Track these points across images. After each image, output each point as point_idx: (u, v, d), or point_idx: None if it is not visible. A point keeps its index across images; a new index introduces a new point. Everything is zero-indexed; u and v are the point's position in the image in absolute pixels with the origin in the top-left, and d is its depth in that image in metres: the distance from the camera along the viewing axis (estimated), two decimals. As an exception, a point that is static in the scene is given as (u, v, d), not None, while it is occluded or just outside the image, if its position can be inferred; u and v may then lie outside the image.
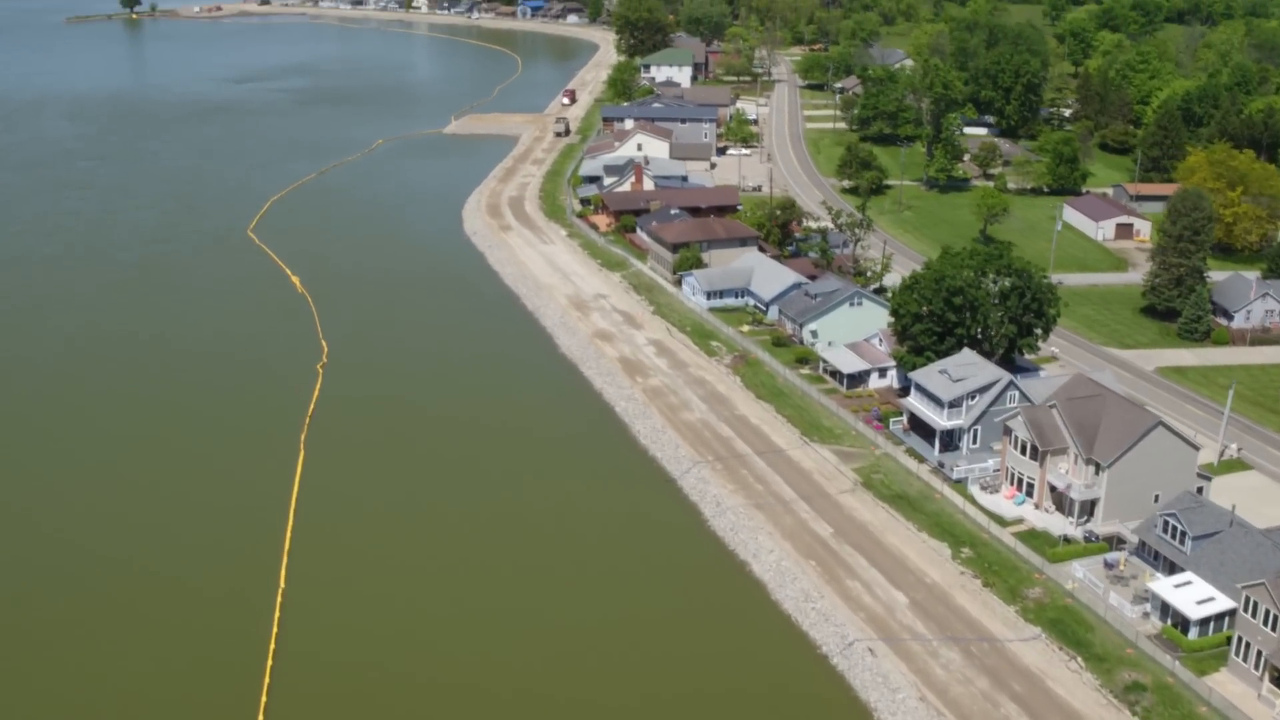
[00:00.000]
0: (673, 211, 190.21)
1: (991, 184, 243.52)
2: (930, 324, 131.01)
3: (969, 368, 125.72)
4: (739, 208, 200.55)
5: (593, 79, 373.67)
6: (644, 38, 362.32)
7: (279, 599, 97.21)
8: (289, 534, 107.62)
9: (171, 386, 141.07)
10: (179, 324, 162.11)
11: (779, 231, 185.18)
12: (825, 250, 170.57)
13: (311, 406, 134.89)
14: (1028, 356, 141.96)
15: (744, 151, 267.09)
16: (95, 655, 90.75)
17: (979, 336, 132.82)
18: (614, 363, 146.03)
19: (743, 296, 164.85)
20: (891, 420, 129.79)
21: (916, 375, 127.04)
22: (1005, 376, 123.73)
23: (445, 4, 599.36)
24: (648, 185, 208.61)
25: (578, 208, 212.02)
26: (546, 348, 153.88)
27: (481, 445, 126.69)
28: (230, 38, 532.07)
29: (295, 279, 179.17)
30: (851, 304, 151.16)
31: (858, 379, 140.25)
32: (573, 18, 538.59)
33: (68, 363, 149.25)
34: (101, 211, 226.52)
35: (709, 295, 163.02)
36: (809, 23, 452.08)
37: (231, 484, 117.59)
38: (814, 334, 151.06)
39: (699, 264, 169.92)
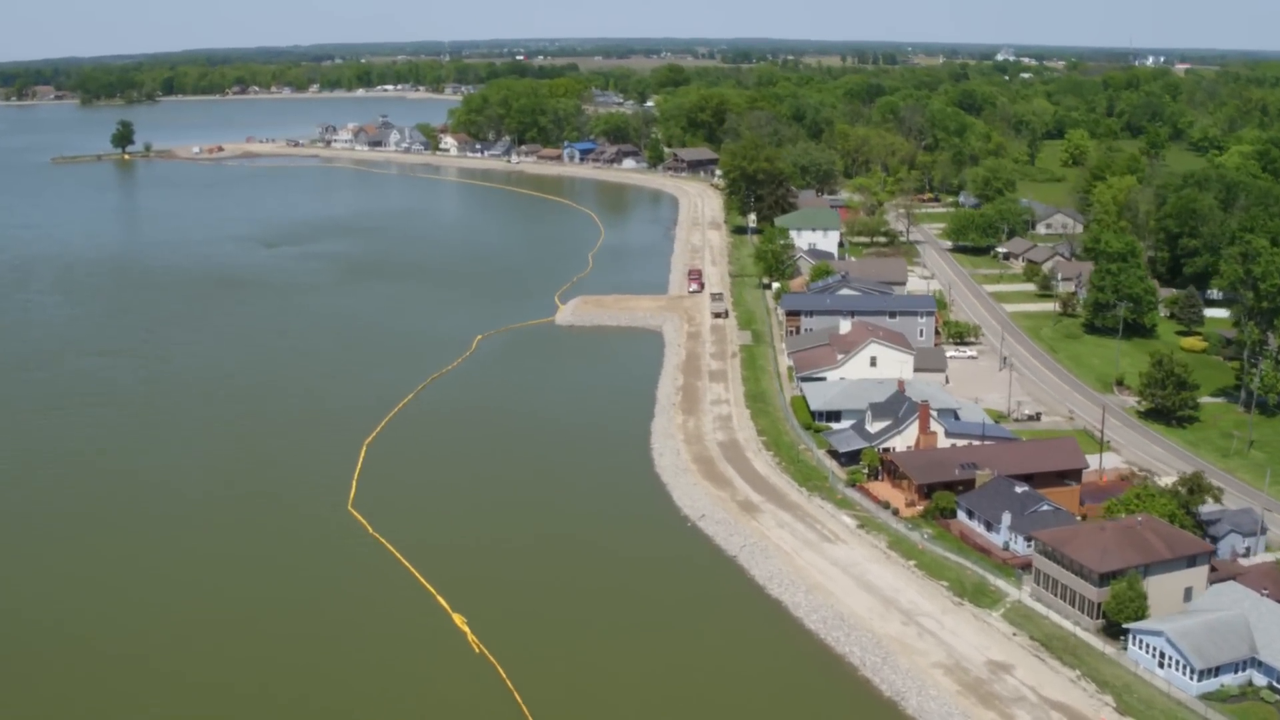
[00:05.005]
0: (1019, 489, 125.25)
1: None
2: None
3: None
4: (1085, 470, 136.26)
5: (700, 242, 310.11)
6: (762, 193, 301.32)
7: None
8: None
9: None
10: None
11: (1192, 523, 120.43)
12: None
13: None
14: None
15: (965, 352, 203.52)
16: None
17: None
18: None
19: (1244, 670, 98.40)
20: None
21: None
22: None
23: (478, 147, 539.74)
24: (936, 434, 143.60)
25: (840, 472, 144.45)
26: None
27: None
28: (239, 183, 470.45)
29: (459, 620, 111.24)
30: None
31: None
32: (629, 162, 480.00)
33: None
34: (122, 453, 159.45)
35: (1200, 675, 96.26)
36: (910, 168, 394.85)
37: None
38: None
39: (1142, 605, 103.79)
